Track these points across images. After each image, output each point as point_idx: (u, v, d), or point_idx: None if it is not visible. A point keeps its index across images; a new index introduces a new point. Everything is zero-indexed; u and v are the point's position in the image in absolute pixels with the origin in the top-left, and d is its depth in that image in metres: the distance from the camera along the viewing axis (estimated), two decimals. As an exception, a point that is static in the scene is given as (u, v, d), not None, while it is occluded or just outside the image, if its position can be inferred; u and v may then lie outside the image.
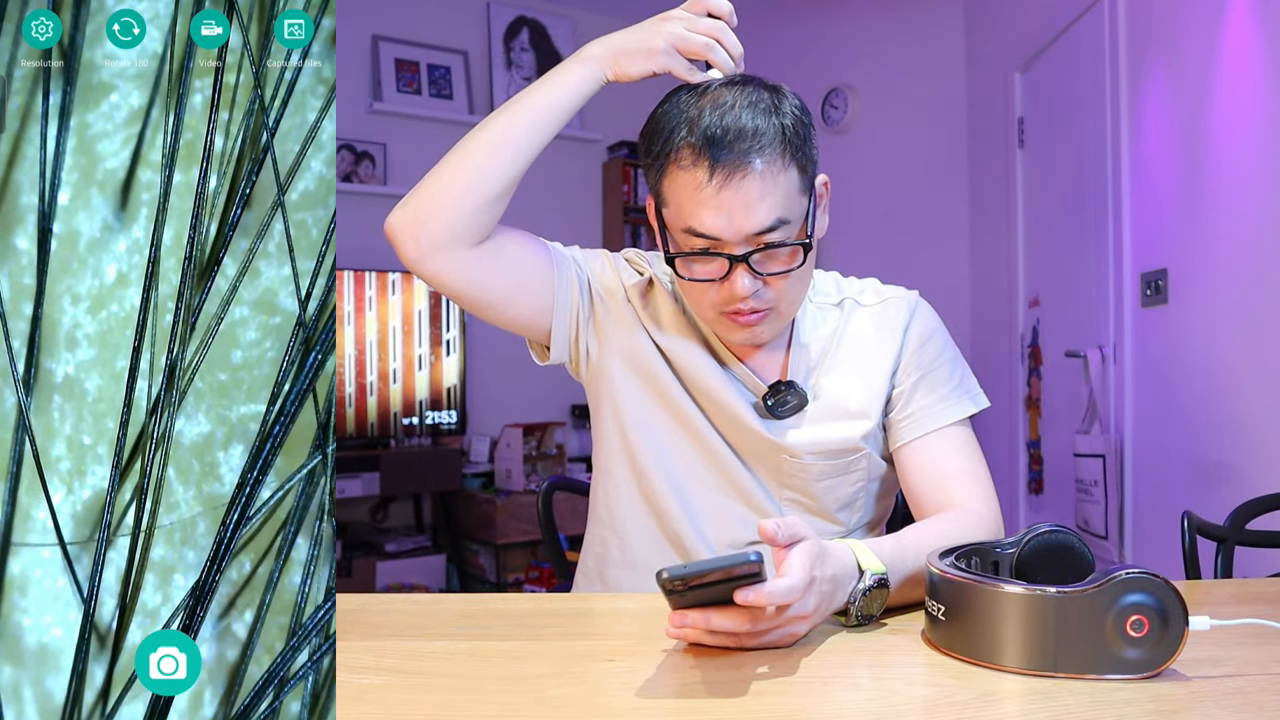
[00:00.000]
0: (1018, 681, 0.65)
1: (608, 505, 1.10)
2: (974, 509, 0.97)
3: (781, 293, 0.97)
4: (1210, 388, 2.12)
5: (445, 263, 0.96)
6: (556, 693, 0.65)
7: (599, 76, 0.97)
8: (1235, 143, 2.00)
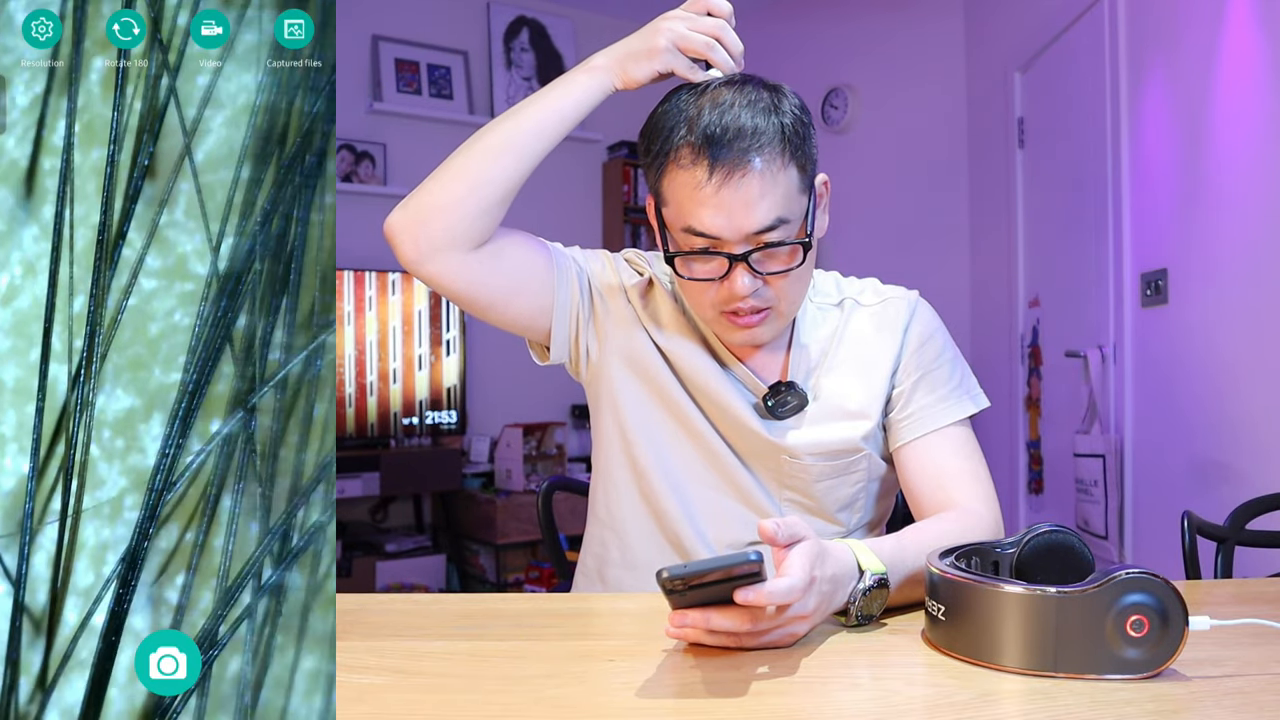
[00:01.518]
0: (1018, 681, 0.65)
1: (607, 505, 1.10)
2: (974, 509, 0.97)
3: (781, 292, 0.97)
4: (1210, 388, 2.12)
5: (444, 265, 0.96)
6: (556, 693, 0.65)
7: (606, 85, 0.97)
8: (1235, 143, 2.00)
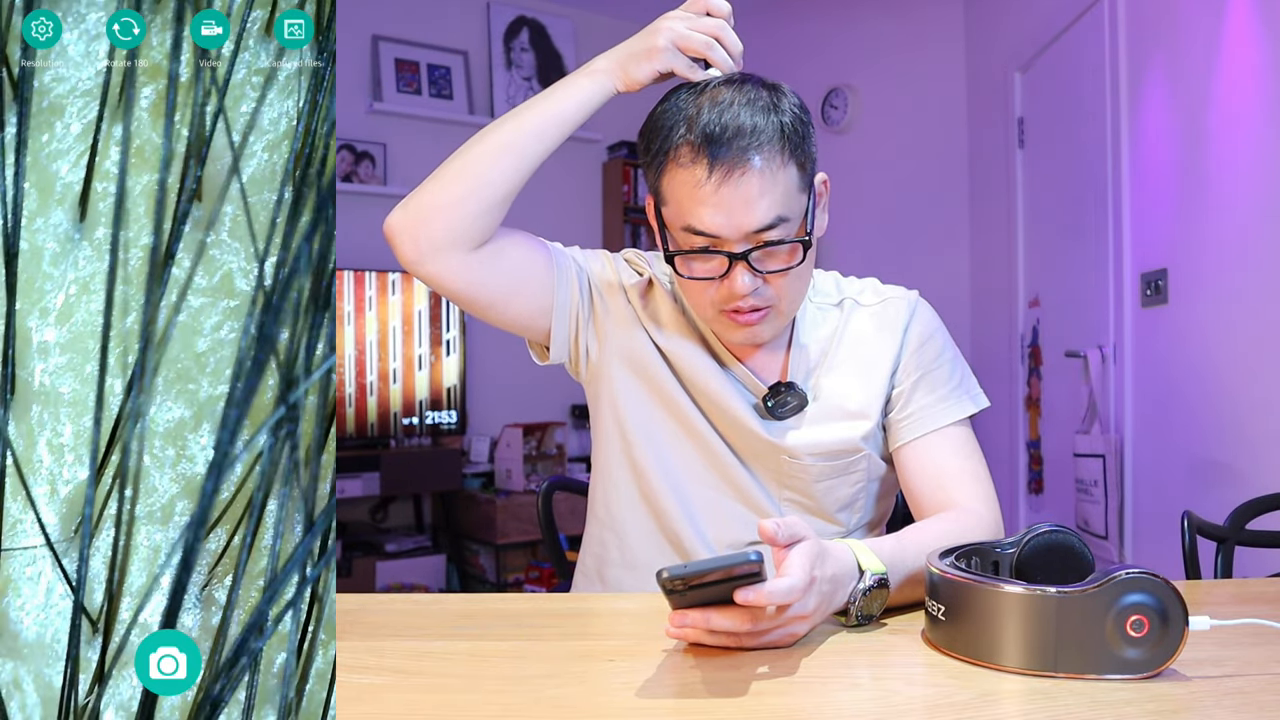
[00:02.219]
0: (1018, 681, 0.65)
1: (607, 505, 1.10)
2: (974, 509, 0.97)
3: (781, 291, 0.97)
4: (1210, 388, 2.12)
5: (444, 265, 0.96)
6: (556, 693, 0.65)
7: (608, 88, 0.98)
8: (1235, 143, 2.00)
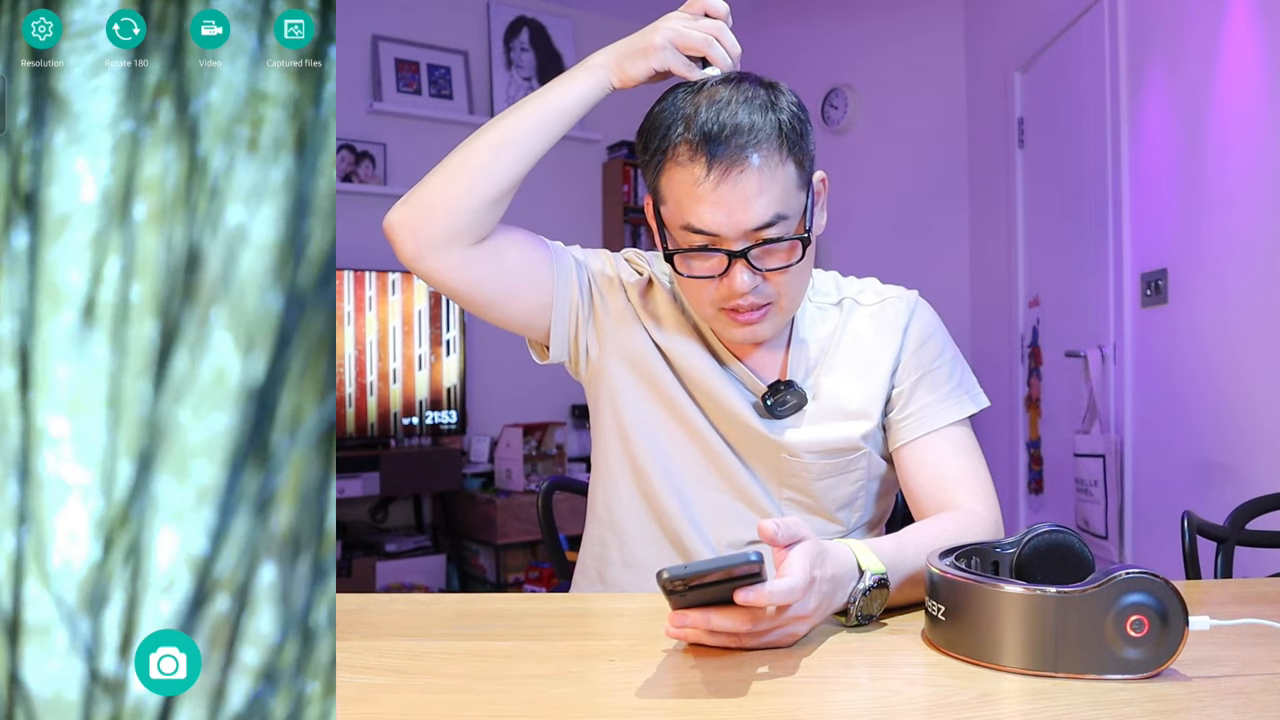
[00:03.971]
0: (1018, 681, 0.65)
1: (607, 505, 1.10)
2: (974, 509, 0.97)
3: (781, 288, 0.97)
4: (1210, 388, 2.12)
5: (444, 261, 0.96)
6: (556, 693, 0.65)
7: (604, 83, 0.98)
8: (1235, 143, 2.00)
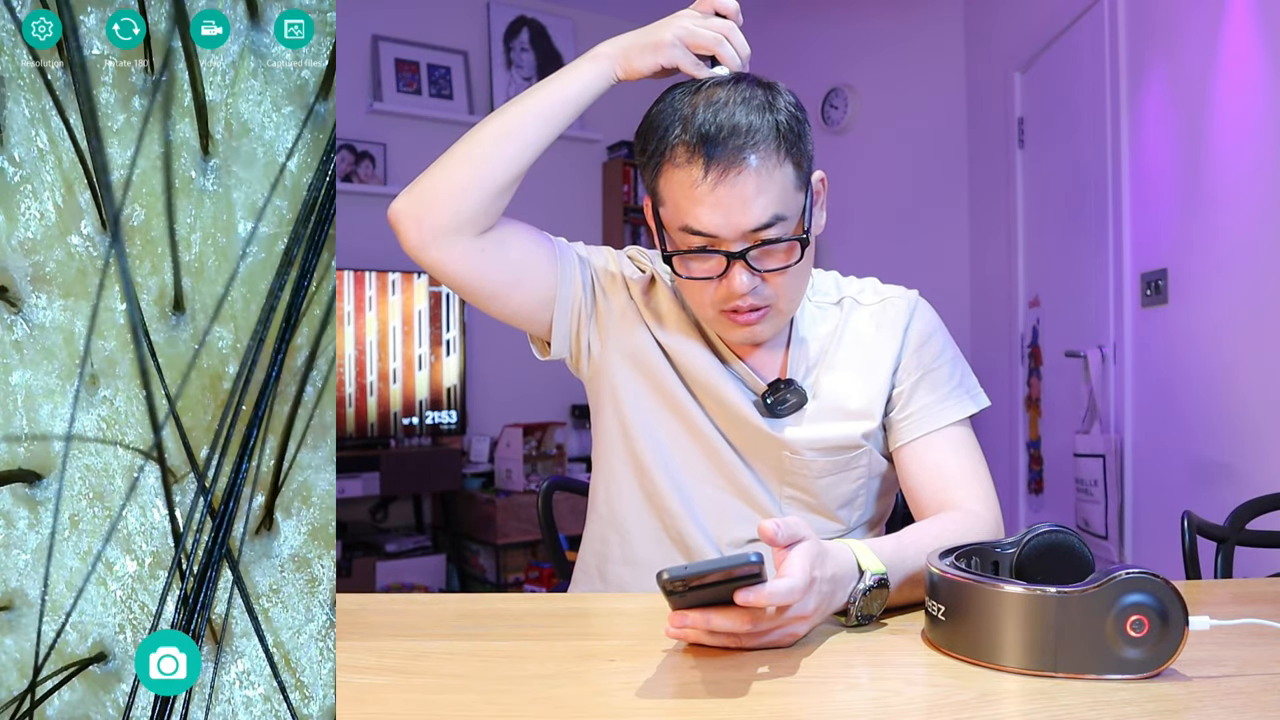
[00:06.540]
0: (1018, 681, 0.65)
1: (608, 502, 1.10)
2: (974, 509, 0.97)
3: (780, 289, 0.97)
4: (1210, 388, 2.12)
5: (447, 251, 0.96)
6: (556, 693, 0.65)
7: (609, 74, 0.98)
8: (1235, 143, 2.00)
